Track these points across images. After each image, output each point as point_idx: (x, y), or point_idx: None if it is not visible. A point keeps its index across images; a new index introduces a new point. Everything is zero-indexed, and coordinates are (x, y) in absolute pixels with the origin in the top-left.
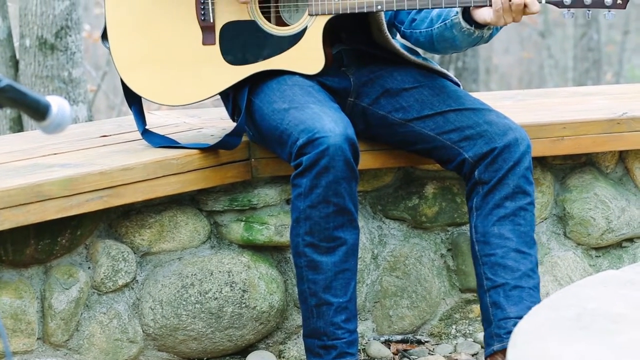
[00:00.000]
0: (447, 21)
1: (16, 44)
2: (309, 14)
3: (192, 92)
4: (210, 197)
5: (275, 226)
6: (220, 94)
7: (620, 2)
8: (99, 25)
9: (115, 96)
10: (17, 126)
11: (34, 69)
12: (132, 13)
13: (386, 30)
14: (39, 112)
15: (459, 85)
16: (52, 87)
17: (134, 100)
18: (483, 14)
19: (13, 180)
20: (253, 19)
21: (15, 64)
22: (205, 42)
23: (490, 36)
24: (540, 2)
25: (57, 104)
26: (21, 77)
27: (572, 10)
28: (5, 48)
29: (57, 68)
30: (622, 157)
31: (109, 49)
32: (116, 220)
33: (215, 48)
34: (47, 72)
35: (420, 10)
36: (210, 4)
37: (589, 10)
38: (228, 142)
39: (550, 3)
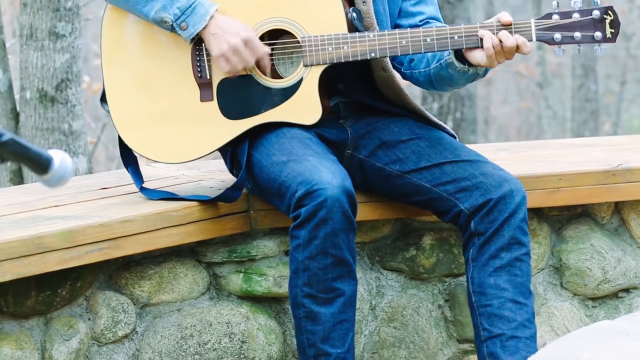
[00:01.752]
0: (441, 61)
1: (17, 97)
2: (304, 65)
3: (192, 149)
4: (209, 249)
5: (274, 277)
6: (219, 147)
7: (610, 36)
8: (98, 77)
9: (115, 148)
10: (18, 178)
11: (35, 121)
12: (129, 73)
13: (391, 68)
14: (41, 165)
15: (455, 137)
16: (53, 140)
17: (130, 162)
18: (476, 57)
19: (14, 232)
20: (249, 73)
21: (16, 116)
22: (203, 99)
23: (486, 71)
24: (530, 41)
25: (59, 157)
26: (21, 130)
27: (563, 46)
28: (6, 100)
29: (58, 120)
30: (618, 208)
31: (108, 111)
32: (116, 272)
33: (213, 104)
34: (48, 125)
35: None
36: (206, 60)
37: (579, 46)
38: (228, 195)
39: (541, 41)
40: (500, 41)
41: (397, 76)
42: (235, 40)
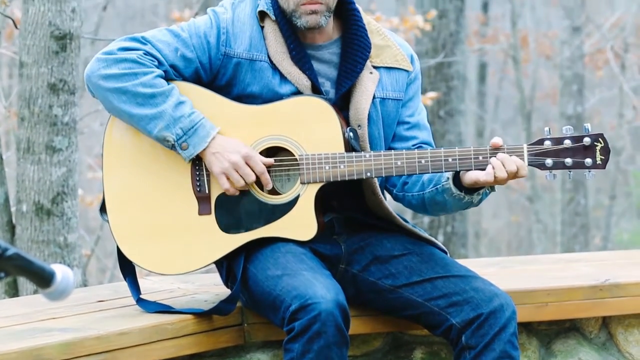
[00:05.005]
0: (438, 186)
1: (13, 209)
2: (300, 183)
3: (189, 262)
4: None
5: None
6: (215, 260)
7: (600, 162)
8: (91, 189)
9: (107, 259)
10: (12, 290)
11: (30, 233)
12: (129, 186)
13: (380, 193)
14: (44, 279)
15: (446, 253)
16: (48, 252)
17: (128, 272)
18: (470, 176)
19: (12, 344)
20: (247, 189)
21: (12, 228)
22: (201, 212)
23: (480, 201)
24: None
25: (61, 271)
26: (17, 242)
27: (554, 171)
28: (2, 213)
29: (53, 233)
30: (606, 322)
31: (107, 221)
32: None
33: (211, 218)
34: (43, 237)
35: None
36: (205, 175)
37: (570, 172)
38: (223, 308)
39: (533, 166)
40: (502, 162)
41: (386, 204)
42: (235, 158)
